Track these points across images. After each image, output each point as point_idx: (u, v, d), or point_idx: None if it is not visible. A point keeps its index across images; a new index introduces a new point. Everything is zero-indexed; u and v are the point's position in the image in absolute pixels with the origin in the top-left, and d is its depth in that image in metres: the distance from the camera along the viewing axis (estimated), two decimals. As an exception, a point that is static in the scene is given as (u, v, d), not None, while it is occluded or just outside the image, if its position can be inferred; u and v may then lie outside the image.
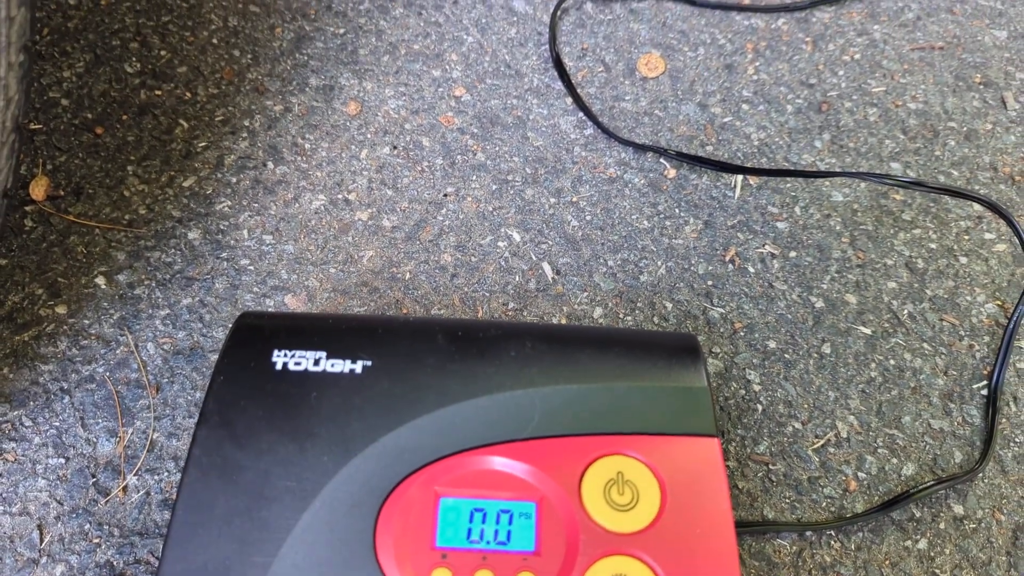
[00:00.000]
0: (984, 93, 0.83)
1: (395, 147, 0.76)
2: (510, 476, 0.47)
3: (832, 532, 0.58)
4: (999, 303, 0.69)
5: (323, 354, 0.51)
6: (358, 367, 0.51)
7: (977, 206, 0.75)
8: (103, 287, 0.66)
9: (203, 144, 0.74)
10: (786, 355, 0.66)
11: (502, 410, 0.49)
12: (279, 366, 0.51)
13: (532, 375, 0.50)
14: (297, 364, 0.51)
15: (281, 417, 0.48)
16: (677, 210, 0.73)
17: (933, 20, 0.89)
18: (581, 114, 0.79)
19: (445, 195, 0.73)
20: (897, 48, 0.86)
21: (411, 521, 0.45)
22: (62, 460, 0.58)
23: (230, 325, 0.64)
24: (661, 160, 0.76)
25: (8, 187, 0.52)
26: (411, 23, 0.84)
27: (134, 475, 0.58)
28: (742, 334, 0.67)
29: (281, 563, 0.43)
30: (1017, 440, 0.63)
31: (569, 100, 0.79)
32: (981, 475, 0.61)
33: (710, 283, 0.69)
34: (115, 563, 0.54)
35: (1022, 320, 0.67)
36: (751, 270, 0.70)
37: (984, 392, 0.65)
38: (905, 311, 0.69)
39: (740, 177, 0.75)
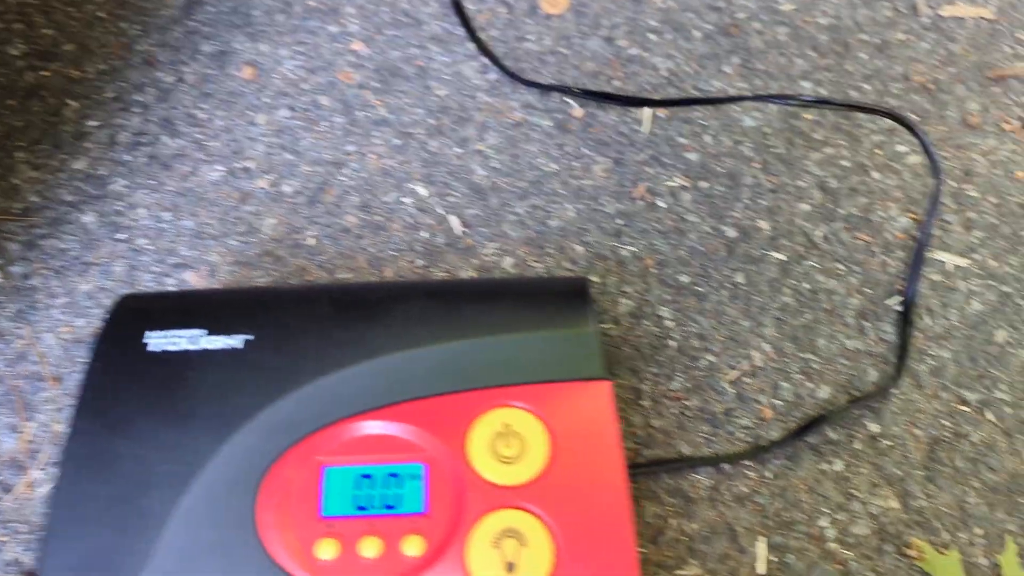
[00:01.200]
0: (895, 2, 0.82)
1: (293, 109, 0.74)
2: (396, 439, 0.46)
3: (748, 462, 0.58)
4: (912, 216, 0.69)
5: (203, 332, 0.50)
6: (239, 342, 0.50)
7: (888, 119, 0.74)
8: (-1, 280, 0.64)
9: (94, 123, 0.72)
10: (698, 288, 0.65)
11: (386, 373, 0.48)
12: (156, 348, 0.49)
13: (416, 335, 0.49)
14: (174, 344, 0.50)
15: (158, 400, 0.47)
16: (585, 150, 0.72)
17: (842, -70, 0.87)
18: (484, 59, 0.77)
19: (347, 154, 0.71)
20: (806, -38, 0.84)
21: (294, 493, 0.45)
22: (-35, 461, 0.57)
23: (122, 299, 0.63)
24: (567, 100, 0.74)
25: None
26: (305, -22, 0.82)
27: (39, 470, 0.57)
28: (654, 271, 0.66)
29: (163, 548, 0.43)
30: (931, 353, 0.63)
31: (471, 45, 0.77)
32: (896, 391, 0.61)
33: (620, 222, 0.68)
34: (23, 560, 0.53)
35: (932, 231, 0.67)
36: (662, 205, 0.69)
37: (898, 308, 0.65)
38: (818, 232, 0.68)
39: (648, 110, 0.74)
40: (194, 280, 0.65)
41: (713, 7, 0.81)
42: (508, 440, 0.46)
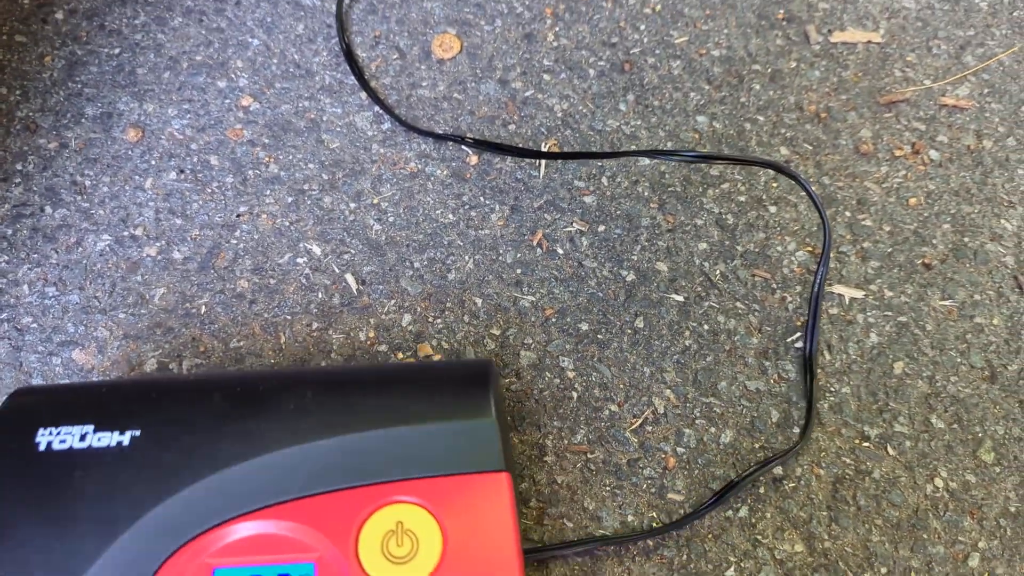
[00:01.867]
0: (787, 29, 0.82)
1: (182, 171, 0.72)
2: (285, 538, 0.45)
3: (654, 514, 0.58)
4: (809, 249, 0.69)
5: (91, 427, 0.48)
6: (126, 438, 0.48)
7: (784, 149, 0.74)
8: None
9: (-26, 196, 0.70)
10: (599, 335, 0.65)
11: (276, 469, 0.47)
12: (43, 446, 0.48)
13: (307, 428, 0.48)
14: (63, 442, 0.48)
15: (42, 502, 0.46)
16: (482, 198, 0.71)
17: (733, -41, 0.88)
18: (377, 108, 0.75)
19: (238, 215, 0.70)
20: (698, -6, 0.84)
21: (178, 600, 0.43)
22: None
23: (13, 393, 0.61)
24: (463, 147, 0.73)
25: None
26: (191, 32, 0.80)
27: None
28: (554, 320, 0.65)
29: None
30: (832, 389, 0.63)
31: (364, 95, 0.76)
32: (799, 431, 0.61)
33: (519, 271, 0.68)
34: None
35: (827, 267, 0.67)
36: (560, 251, 0.69)
37: (798, 344, 0.65)
38: (717, 271, 0.68)
39: (545, 150, 0.73)
40: (81, 359, 0.63)
41: (607, 43, 0.80)
42: (400, 538, 0.45)
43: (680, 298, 0.67)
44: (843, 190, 0.72)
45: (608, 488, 0.59)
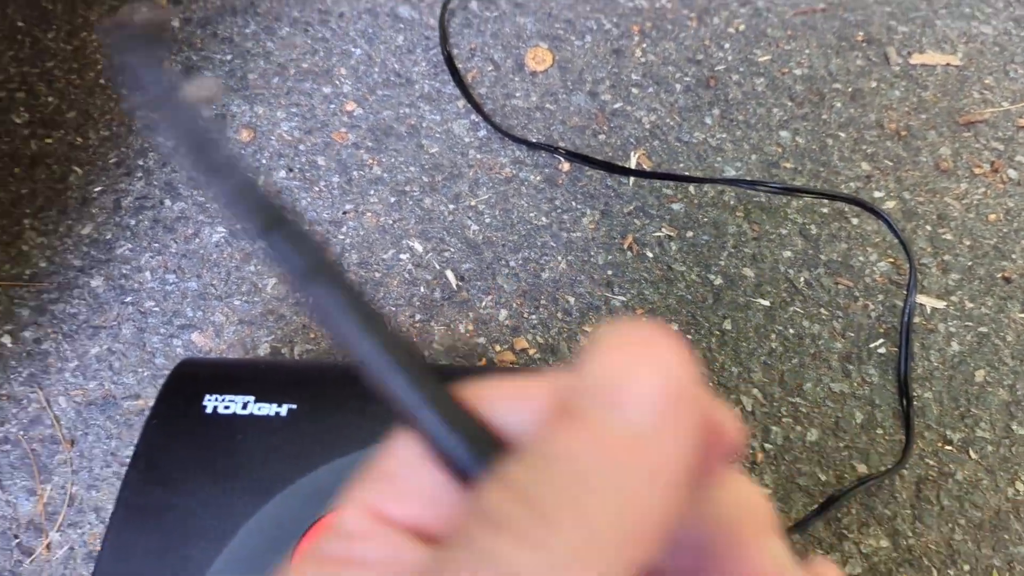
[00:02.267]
0: (867, 51, 0.85)
1: (291, 170, 0.76)
2: None
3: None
4: (891, 260, 0.71)
5: (251, 398, 0.52)
6: (283, 410, 0.52)
7: (865, 165, 0.77)
8: (9, 346, 0.66)
9: (99, 189, 0.74)
10: (688, 335, 0.68)
11: None
12: (209, 410, 0.52)
13: None
14: (226, 408, 0.52)
15: (207, 458, 0.50)
16: (574, 203, 0.75)
17: (814, -18, 0.91)
18: (473, 116, 0.79)
19: (344, 213, 0.74)
20: (780, 15, 0.88)
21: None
22: (-18, 526, 0.59)
23: (140, 370, 0.65)
24: (555, 155, 0.77)
25: None
26: (298, 41, 0.84)
27: (56, 531, 0.59)
28: (644, 320, 0.68)
29: (199, 601, 0.45)
30: (915, 394, 0.65)
31: (461, 103, 0.80)
32: (880, 432, 0.64)
33: (610, 272, 0.71)
34: (42, 623, 0.55)
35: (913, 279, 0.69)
36: (650, 255, 0.72)
37: (881, 350, 0.67)
38: (801, 278, 0.71)
39: (633, 158, 0.77)
40: (200, 341, 0.67)
41: (693, 60, 0.84)
42: None
43: (766, 303, 0.69)
44: (923, 205, 0.75)
45: (698, 479, 0.62)
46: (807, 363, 0.67)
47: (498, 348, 0.67)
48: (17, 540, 0.58)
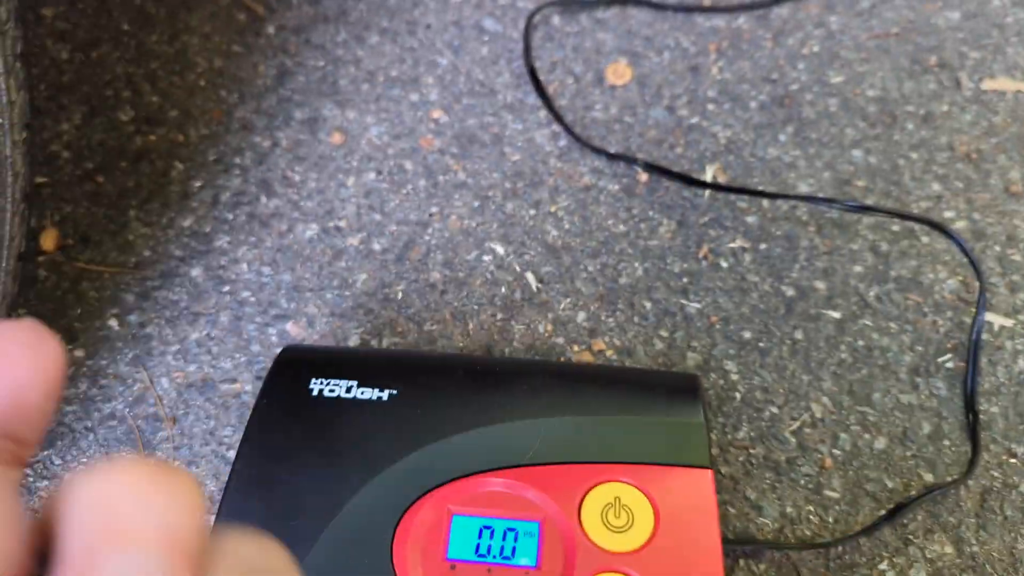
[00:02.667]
0: (939, 75, 0.87)
1: (380, 172, 0.80)
2: (517, 497, 0.52)
3: (810, 507, 0.62)
4: (960, 279, 0.73)
5: (355, 383, 0.56)
6: (385, 395, 0.55)
7: (936, 185, 0.79)
8: (116, 328, 0.70)
9: (199, 184, 0.79)
10: (760, 344, 0.70)
11: (512, 437, 0.54)
12: (315, 392, 0.56)
13: (541, 406, 0.55)
14: (331, 391, 0.56)
15: (314, 437, 0.53)
16: (651, 212, 0.77)
17: (888, 7, 0.93)
18: (554, 126, 0.82)
19: (430, 215, 0.77)
20: (854, 38, 0.90)
21: (425, 535, 0.50)
22: (91, 494, 0.63)
23: (237, 356, 0.69)
24: (633, 166, 0.80)
25: (22, 251, 0.57)
26: (387, 50, 0.88)
27: (159, 503, 0.62)
28: (718, 327, 0.71)
29: (308, 568, 0.48)
30: (981, 408, 0.67)
31: (542, 114, 0.83)
32: (949, 443, 0.65)
33: (686, 280, 0.73)
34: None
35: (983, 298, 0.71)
36: (724, 264, 0.74)
37: (949, 365, 0.69)
38: (871, 293, 0.73)
39: (710, 173, 0.79)
40: (294, 331, 0.70)
41: (768, 79, 0.86)
42: (618, 511, 0.51)
43: (837, 315, 0.72)
44: (993, 226, 0.76)
45: (768, 481, 0.64)
46: (876, 374, 0.69)
47: (576, 348, 0.70)
48: (123, 509, 0.62)
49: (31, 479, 0.63)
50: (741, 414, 0.67)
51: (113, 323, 0.71)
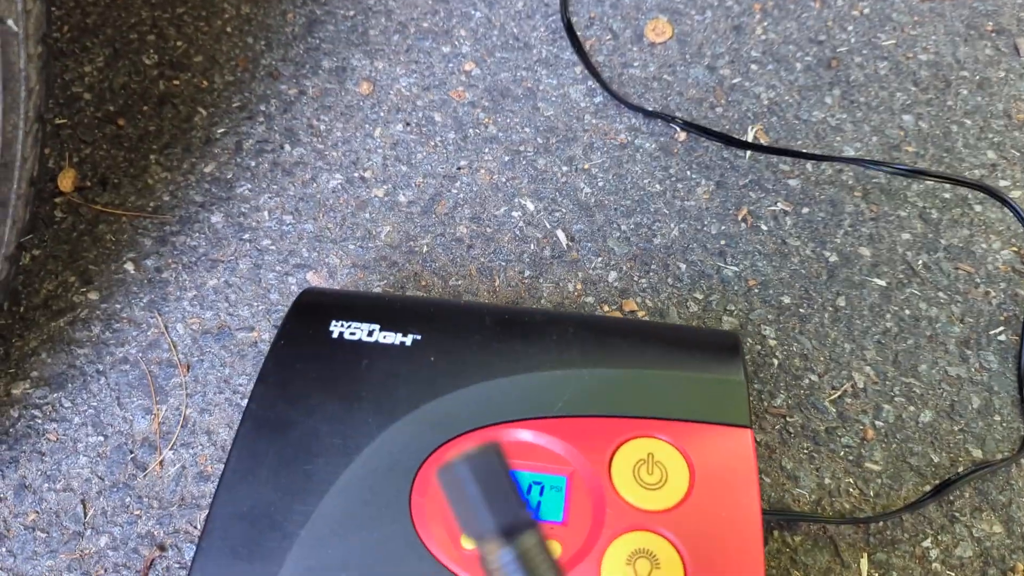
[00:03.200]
0: (996, 41, 0.83)
1: (408, 124, 0.77)
2: (544, 449, 0.48)
3: (850, 480, 0.59)
4: (1015, 249, 0.69)
5: (376, 326, 0.53)
6: (408, 340, 0.53)
7: (991, 153, 0.75)
8: (132, 272, 0.68)
9: (222, 130, 0.76)
10: (801, 310, 0.67)
11: (541, 388, 0.50)
12: (335, 334, 0.53)
13: (571, 357, 0.52)
14: (352, 334, 0.53)
15: (333, 380, 0.51)
16: (688, 172, 0.74)
17: (943, -30, 0.89)
18: (590, 83, 0.79)
19: (459, 168, 0.74)
20: (906, 1, 0.86)
21: (448, 485, 0.47)
22: (101, 438, 0.61)
23: (255, 304, 0.67)
24: (671, 124, 0.77)
25: (35, 175, 0.54)
26: (419, 1, 0.85)
27: (170, 450, 0.60)
28: (756, 291, 0.68)
29: (321, 513, 0.45)
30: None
31: (578, 69, 0.80)
32: (1000, 419, 0.62)
33: (723, 242, 0.70)
34: (155, 533, 0.56)
35: (1037, 264, 0.67)
36: (764, 228, 0.71)
37: (1001, 338, 0.65)
38: (920, 261, 0.69)
39: (751, 134, 0.76)
40: (314, 280, 0.68)
41: (814, 40, 0.83)
42: (651, 468, 0.48)
43: (882, 283, 0.68)
44: (1050, 196, 0.73)
45: (806, 451, 0.61)
46: (923, 344, 0.65)
47: (606, 308, 0.67)
48: (132, 455, 0.60)
49: (39, 421, 0.61)
50: (778, 381, 0.64)
51: (129, 267, 0.68)
